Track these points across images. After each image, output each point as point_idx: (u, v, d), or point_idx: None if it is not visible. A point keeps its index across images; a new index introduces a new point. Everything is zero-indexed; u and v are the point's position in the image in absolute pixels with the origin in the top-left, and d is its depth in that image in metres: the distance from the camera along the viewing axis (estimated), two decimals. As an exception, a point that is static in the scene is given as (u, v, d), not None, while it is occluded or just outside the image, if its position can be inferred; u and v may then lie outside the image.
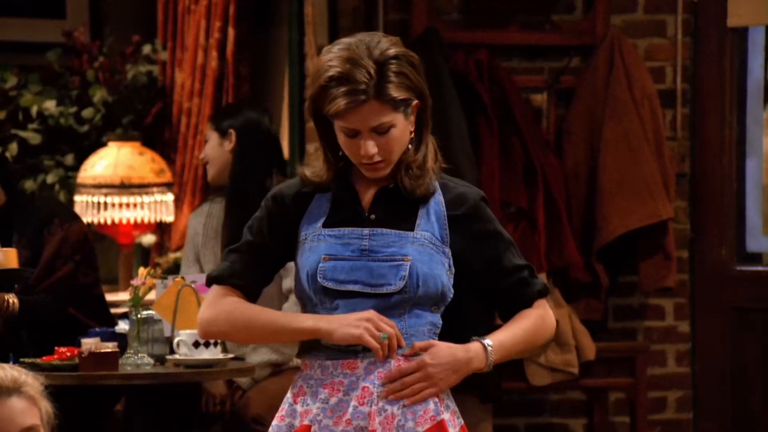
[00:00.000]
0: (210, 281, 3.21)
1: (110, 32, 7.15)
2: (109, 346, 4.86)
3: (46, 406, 2.84)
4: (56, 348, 4.94)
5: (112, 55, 6.97)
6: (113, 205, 6.72)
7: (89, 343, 4.83)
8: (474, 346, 3.14)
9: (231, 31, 6.71)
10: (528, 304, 3.23)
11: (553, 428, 6.43)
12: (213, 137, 5.31)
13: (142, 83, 7.03)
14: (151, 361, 4.96)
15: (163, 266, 6.12)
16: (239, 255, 3.21)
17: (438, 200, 3.22)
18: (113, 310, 5.30)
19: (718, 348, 6.43)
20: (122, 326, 5.13)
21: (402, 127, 3.16)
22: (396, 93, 3.12)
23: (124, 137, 6.79)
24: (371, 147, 3.14)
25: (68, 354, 4.90)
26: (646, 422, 6.19)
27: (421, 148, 3.21)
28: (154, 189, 6.69)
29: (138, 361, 4.95)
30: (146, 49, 7.03)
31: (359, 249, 3.15)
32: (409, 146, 3.19)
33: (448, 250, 3.18)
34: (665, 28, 6.34)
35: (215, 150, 5.29)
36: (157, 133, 7.09)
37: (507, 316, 3.23)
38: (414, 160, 3.19)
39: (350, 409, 3.12)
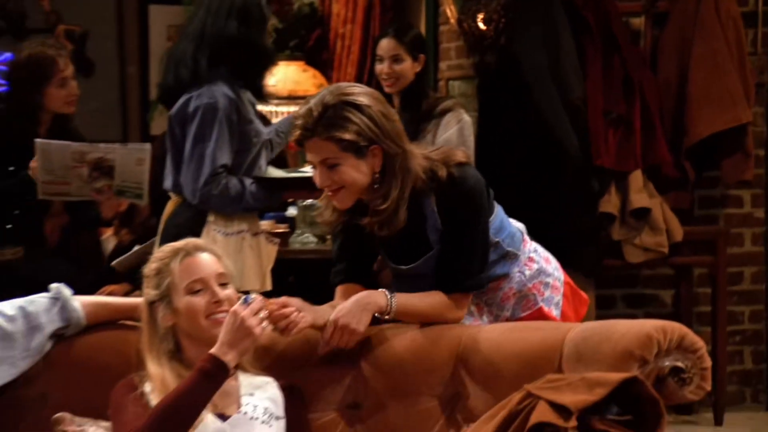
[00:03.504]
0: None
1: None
2: (282, 227, 5.20)
3: (230, 266, 3.22)
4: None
5: (283, -10, 7.18)
6: (282, 113, 6.87)
7: (266, 225, 5.09)
8: (379, 291, 3.27)
9: (379, -32, 6.81)
10: (446, 290, 3.32)
11: (645, 298, 6.60)
12: (408, 60, 5.11)
13: (305, 13, 7.21)
14: (315, 239, 5.22)
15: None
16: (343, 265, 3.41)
17: (431, 208, 3.29)
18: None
19: (789, 229, 6.56)
20: (291, 211, 5.44)
21: (352, 165, 3.20)
22: (333, 133, 3.16)
23: (291, 58, 7.02)
24: (320, 178, 3.23)
25: (249, 234, 5.13)
26: (726, 293, 6.33)
27: (382, 190, 3.21)
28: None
29: (304, 239, 5.24)
30: (309, -16, 7.21)
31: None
32: (375, 186, 3.22)
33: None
34: (750, -45, 6.38)
35: (409, 71, 5.11)
36: (317, 54, 7.28)
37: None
38: (375, 202, 3.22)
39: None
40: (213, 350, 3.00)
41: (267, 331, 3.11)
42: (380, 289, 3.29)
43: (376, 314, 3.29)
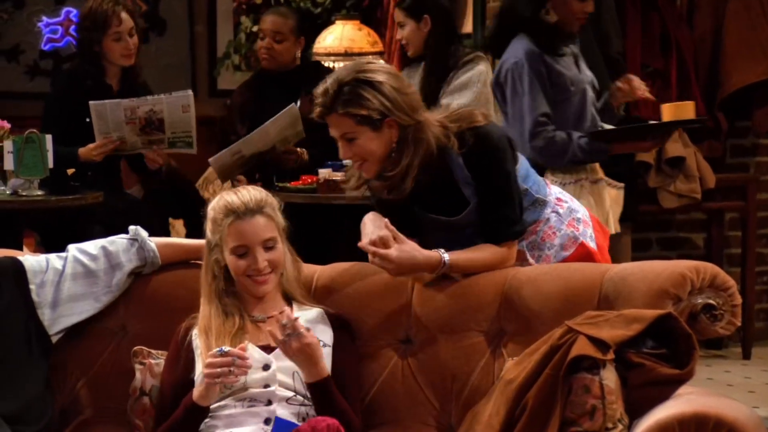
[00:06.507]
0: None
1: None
2: (339, 176, 5.16)
3: (280, 220, 3.24)
4: (301, 176, 5.31)
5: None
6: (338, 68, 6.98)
7: (324, 173, 5.18)
8: (436, 255, 3.26)
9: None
10: (495, 241, 3.34)
11: (679, 241, 6.60)
12: (410, 23, 5.14)
13: (362, -26, 7.11)
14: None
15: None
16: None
17: (458, 165, 3.29)
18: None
19: (816, 176, 6.55)
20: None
21: (369, 138, 3.23)
22: (348, 109, 3.20)
23: (347, 17, 6.88)
24: (342, 151, 3.28)
25: (309, 180, 5.27)
26: (755, 236, 6.35)
27: (395, 159, 3.22)
28: (369, 56, 6.81)
29: (360, 187, 5.25)
30: (367, -52, 7.11)
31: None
32: (392, 155, 3.24)
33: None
34: None
35: (414, 34, 5.13)
36: (371, 13, 7.17)
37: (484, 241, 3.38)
38: (386, 169, 3.23)
39: None
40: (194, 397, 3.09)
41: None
42: (434, 250, 3.29)
43: (428, 272, 3.30)
